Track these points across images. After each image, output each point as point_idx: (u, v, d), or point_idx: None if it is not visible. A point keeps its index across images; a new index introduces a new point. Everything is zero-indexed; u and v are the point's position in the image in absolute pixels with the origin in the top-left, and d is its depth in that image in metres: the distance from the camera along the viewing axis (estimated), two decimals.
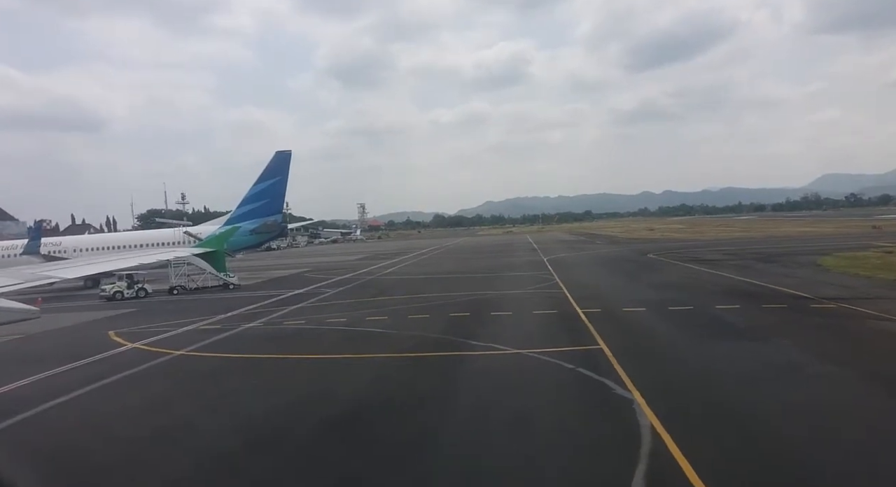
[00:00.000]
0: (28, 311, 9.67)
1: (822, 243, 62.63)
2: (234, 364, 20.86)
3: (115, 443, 13.12)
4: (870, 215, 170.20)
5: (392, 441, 11.91)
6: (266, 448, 11.94)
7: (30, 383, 18.98)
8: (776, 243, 68.50)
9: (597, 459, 10.54)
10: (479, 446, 11.41)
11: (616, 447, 10.85)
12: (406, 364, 19.02)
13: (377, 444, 11.83)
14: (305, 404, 15.22)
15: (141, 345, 24.29)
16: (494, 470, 10.31)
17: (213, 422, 14.25)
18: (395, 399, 15.19)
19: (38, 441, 13.72)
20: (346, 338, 23.80)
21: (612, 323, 22.92)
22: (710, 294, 29.52)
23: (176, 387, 18.16)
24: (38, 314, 9.88)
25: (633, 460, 10.05)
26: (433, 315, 27.88)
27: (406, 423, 13.06)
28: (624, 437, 11.17)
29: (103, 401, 16.90)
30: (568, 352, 18.43)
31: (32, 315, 9.79)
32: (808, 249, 55.67)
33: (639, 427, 11.52)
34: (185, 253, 50.96)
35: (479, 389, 15.40)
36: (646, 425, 11.59)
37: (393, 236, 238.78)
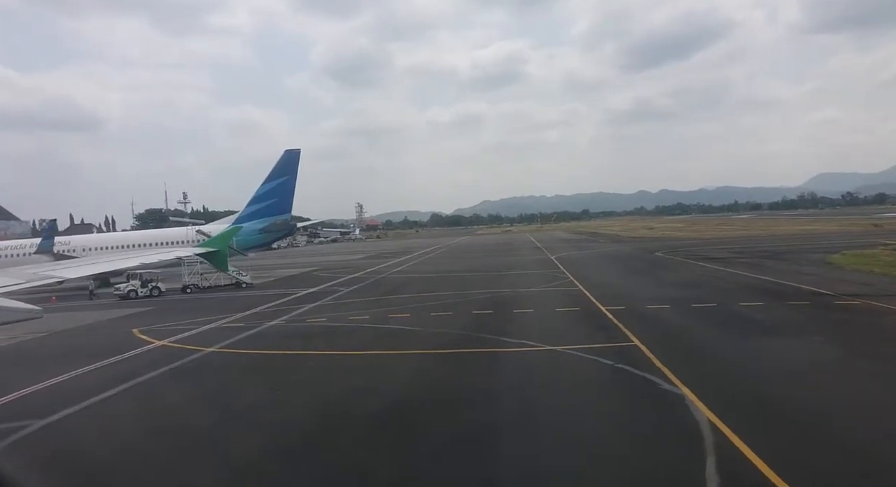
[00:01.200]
0: (31, 311, 9.66)
1: (826, 241, 63.01)
2: (272, 360, 20.91)
3: (200, 429, 13.64)
4: (868, 214, 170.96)
5: (459, 435, 11.96)
6: (349, 436, 12.40)
7: (76, 377, 19.24)
8: (781, 241, 68.75)
9: (663, 453, 10.57)
10: (544, 440, 11.46)
11: (680, 441, 10.91)
12: (444, 360, 19.08)
13: (445, 437, 11.98)
14: (363, 397, 15.27)
15: (169, 343, 24.34)
16: (568, 465, 10.35)
17: (285, 412, 14.45)
18: (447, 394, 15.22)
19: (124, 425, 14.41)
20: (376, 336, 23.86)
21: (640, 321, 22.95)
22: (730, 291, 29.68)
23: (225, 381, 18.37)
24: (40, 314, 9.86)
25: (700, 453, 10.16)
26: (455, 312, 27.97)
27: (465, 417, 13.07)
28: (684, 431, 11.26)
29: (159, 393, 17.23)
30: (603, 349, 18.52)
31: (35, 314, 9.73)
32: (815, 247, 56.03)
33: (696, 422, 11.62)
34: (187, 253, 51.09)
35: (526, 385, 15.46)
36: (702, 419, 11.67)
37: (391, 235, 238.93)
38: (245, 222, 57.79)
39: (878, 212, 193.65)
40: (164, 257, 49.23)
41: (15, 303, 9.67)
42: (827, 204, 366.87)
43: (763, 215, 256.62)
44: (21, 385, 18.12)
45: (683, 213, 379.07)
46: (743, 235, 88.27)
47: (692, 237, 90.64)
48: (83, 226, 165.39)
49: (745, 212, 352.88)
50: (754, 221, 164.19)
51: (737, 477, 9.33)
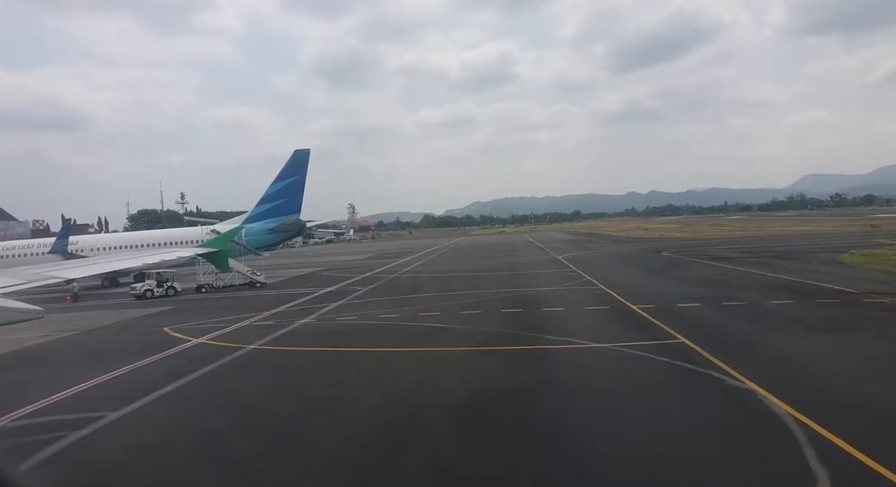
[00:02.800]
0: (33, 311, 9.78)
1: (829, 241, 63.80)
2: (321, 357, 21.07)
3: (286, 421, 13.86)
4: (860, 215, 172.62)
5: (549, 431, 12.06)
6: (438, 429, 12.64)
7: (130, 372, 19.52)
8: (782, 242, 69.36)
9: (762, 448, 10.66)
10: (640, 436, 11.52)
11: (771, 435, 11.02)
12: (494, 357, 19.24)
13: (534, 431, 12.12)
14: (433, 392, 15.46)
15: (206, 340, 24.40)
16: (661, 462, 10.38)
17: (363, 407, 14.59)
18: (516, 390, 15.24)
19: (207, 416, 14.79)
20: (413, 333, 24.01)
21: (676, 318, 23.07)
22: (754, 290, 29.98)
23: (283, 377, 18.44)
24: (42, 314, 9.99)
25: (795, 446, 10.34)
26: (484, 311, 28.11)
27: (546, 413, 13.18)
28: (771, 426, 11.39)
29: (224, 387, 17.51)
30: (651, 346, 18.69)
31: (37, 315, 9.84)
32: (819, 247, 56.71)
33: (777, 416, 11.80)
34: (188, 253, 51.09)
35: (592, 381, 15.62)
36: (782, 413, 11.87)
37: (384, 236, 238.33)
38: (254, 222, 57.83)
39: (868, 212, 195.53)
40: (166, 257, 49.11)
41: (17, 304, 9.85)
42: (816, 205, 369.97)
43: (755, 216, 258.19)
44: (78, 379, 18.33)
45: (674, 214, 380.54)
46: (741, 236, 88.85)
47: (691, 237, 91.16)
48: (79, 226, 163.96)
49: (736, 213, 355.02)
50: (748, 222, 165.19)
51: (842, 468, 9.50)
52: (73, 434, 13.33)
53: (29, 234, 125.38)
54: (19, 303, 9.94)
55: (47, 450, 12.40)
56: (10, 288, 11.36)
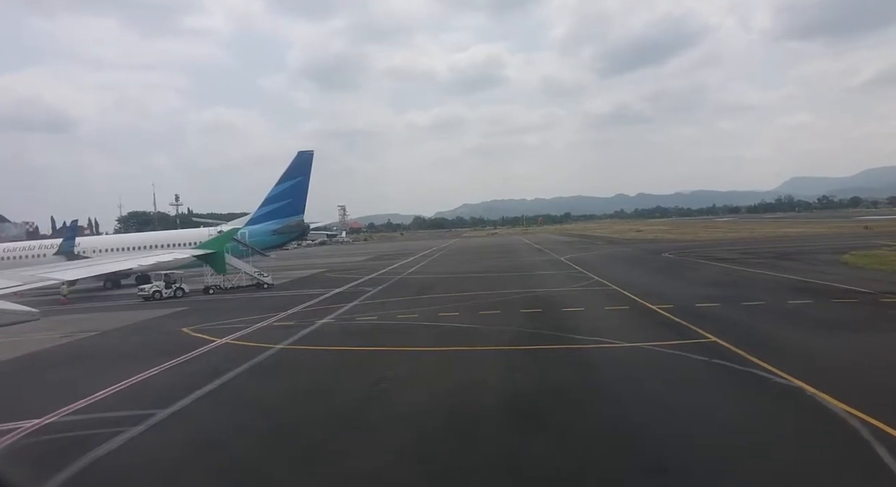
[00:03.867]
0: (28, 313, 9.84)
1: (825, 242, 64.61)
2: (353, 356, 21.10)
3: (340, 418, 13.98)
4: (848, 217, 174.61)
5: (605, 428, 12.19)
6: (494, 426, 12.75)
7: (164, 371, 19.54)
8: (779, 243, 69.93)
9: (831, 445, 10.76)
10: (698, 435, 11.55)
11: (834, 434, 11.09)
12: (530, 356, 19.33)
13: (594, 430, 12.22)
14: (478, 391, 15.50)
15: (231, 341, 24.42)
16: (741, 460, 10.37)
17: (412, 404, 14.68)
18: (562, 388, 15.34)
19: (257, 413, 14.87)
20: (440, 333, 24.09)
21: (699, 318, 23.18)
22: (768, 290, 30.23)
23: (322, 376, 18.50)
24: (37, 316, 10.06)
25: (865, 444, 10.43)
26: (503, 311, 28.20)
27: (599, 410, 13.35)
28: (832, 424, 11.48)
29: (266, 386, 17.62)
30: (683, 345, 18.82)
31: (32, 317, 9.88)
32: (818, 248, 57.39)
33: (835, 414, 11.90)
34: (185, 255, 50.95)
35: (635, 380, 15.69)
36: (839, 411, 11.99)
37: (376, 238, 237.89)
38: (258, 223, 57.77)
39: (855, 214, 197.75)
40: (162, 259, 49.06)
41: (12, 306, 9.88)
42: (803, 207, 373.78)
43: (745, 218, 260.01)
44: (115, 378, 18.34)
45: (663, 216, 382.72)
46: (735, 237, 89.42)
47: (686, 239, 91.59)
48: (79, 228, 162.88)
49: (724, 215, 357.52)
50: (739, 224, 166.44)
51: None
52: (128, 431, 13.41)
53: (24, 236, 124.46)
54: (14, 305, 9.97)
55: (110, 444, 12.53)
56: (5, 290, 11.35)
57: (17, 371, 21.87)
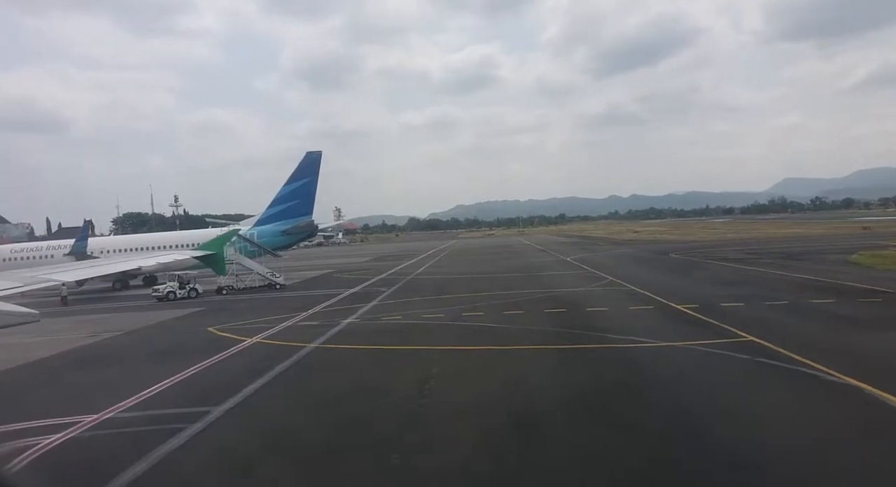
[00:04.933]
0: (28, 315, 9.89)
1: (828, 243, 65.14)
2: (389, 354, 21.20)
3: (402, 414, 14.11)
4: (843, 217, 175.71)
5: (672, 427, 12.15)
6: (563, 422, 12.88)
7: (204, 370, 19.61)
8: (782, 243, 70.48)
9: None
10: (765, 432, 11.57)
11: None
12: (570, 354, 19.38)
13: (658, 427, 12.23)
14: (527, 388, 15.66)
15: (261, 340, 24.46)
16: (814, 457, 10.50)
17: (470, 401, 14.78)
18: (613, 386, 15.40)
19: (316, 410, 15.00)
20: (470, 331, 24.17)
21: (728, 317, 23.25)
22: (787, 289, 30.45)
23: (364, 372, 18.67)
24: (37, 317, 10.14)
25: None
26: (527, 311, 28.23)
27: (658, 410, 13.34)
28: None
29: (315, 384, 17.72)
30: (722, 344, 18.87)
31: (32, 318, 9.90)
32: (823, 248, 57.82)
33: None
34: (185, 256, 51.00)
35: (684, 378, 15.74)
36: None
37: (372, 239, 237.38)
38: (266, 224, 57.76)
39: (850, 215, 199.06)
40: (162, 260, 49.09)
41: (12, 307, 9.87)
42: (797, 208, 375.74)
43: (739, 219, 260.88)
44: (156, 377, 18.35)
45: (657, 217, 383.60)
46: (736, 238, 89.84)
47: (686, 240, 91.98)
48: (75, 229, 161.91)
49: (718, 216, 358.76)
50: (736, 224, 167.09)
51: None
52: (191, 426, 13.50)
53: (25, 238, 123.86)
54: (14, 307, 9.98)
55: (174, 441, 12.58)
56: (6, 291, 11.43)
57: (57, 368, 21.91)
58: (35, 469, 11.70)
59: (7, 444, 12.89)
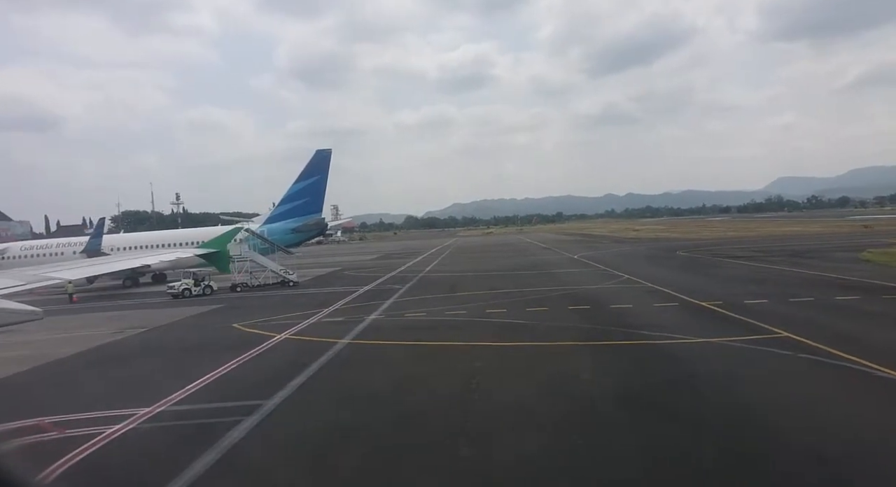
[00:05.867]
0: (32, 313, 9.99)
1: (832, 241, 65.55)
2: (426, 350, 21.07)
3: (466, 409, 14.08)
4: (841, 216, 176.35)
5: (736, 423, 12.08)
6: (617, 420, 12.77)
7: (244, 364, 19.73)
8: (786, 241, 70.68)
9: None
10: (836, 425, 11.64)
11: None
12: (608, 351, 19.29)
13: (723, 423, 12.18)
14: (576, 384, 15.60)
15: (290, 336, 24.50)
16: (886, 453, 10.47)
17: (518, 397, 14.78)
18: (663, 382, 15.35)
19: (376, 404, 14.92)
20: (499, 328, 24.03)
21: (757, 314, 23.27)
22: (807, 286, 30.53)
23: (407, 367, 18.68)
24: (41, 315, 10.23)
25: None
26: (551, 308, 28.23)
27: (717, 405, 13.26)
28: None
29: (362, 377, 17.80)
30: (759, 340, 18.90)
31: (36, 316, 9.99)
32: (830, 246, 58.23)
33: None
34: (187, 254, 51.27)
35: (732, 374, 15.62)
36: None
37: (370, 238, 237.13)
38: (276, 222, 57.79)
39: (847, 214, 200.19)
40: (165, 258, 49.41)
41: (16, 305, 10.00)
42: (793, 207, 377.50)
43: (737, 217, 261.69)
44: (197, 372, 18.43)
45: (653, 216, 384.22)
46: (738, 236, 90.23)
47: (689, 238, 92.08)
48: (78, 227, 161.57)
49: (715, 214, 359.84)
50: (734, 223, 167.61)
51: None
52: (248, 419, 13.56)
53: (29, 235, 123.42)
54: (18, 305, 10.08)
55: (236, 432, 12.67)
56: (9, 289, 11.50)
57: (92, 364, 22.00)
58: (107, 458, 11.84)
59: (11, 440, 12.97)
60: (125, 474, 11.46)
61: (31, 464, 10.78)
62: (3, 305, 9.76)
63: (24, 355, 23.12)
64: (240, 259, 47.40)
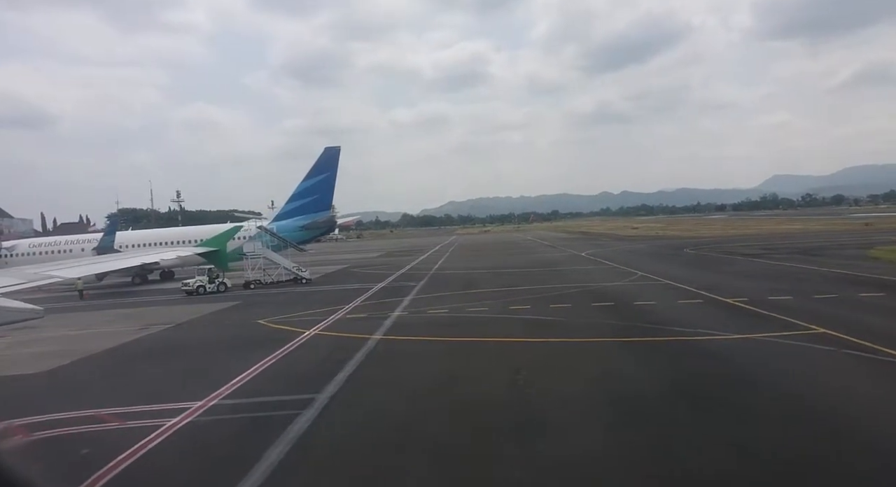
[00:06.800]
0: (32, 311, 9.98)
1: (837, 238, 66.09)
2: (462, 346, 21.08)
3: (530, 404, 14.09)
4: (838, 214, 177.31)
5: (807, 418, 12.09)
6: (681, 413, 12.73)
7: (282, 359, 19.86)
8: (791, 239, 70.98)
9: None
10: None
11: None
12: (647, 346, 19.27)
13: (795, 418, 12.15)
14: (626, 378, 15.66)
15: (319, 332, 24.51)
16: None
17: (572, 387, 14.93)
18: (717, 376, 15.37)
19: (436, 396, 15.07)
20: (529, 325, 23.97)
21: (787, 310, 23.21)
22: (827, 283, 30.70)
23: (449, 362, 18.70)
24: (42, 313, 10.26)
25: None
26: (573, 305, 28.20)
27: (780, 399, 13.29)
28: None
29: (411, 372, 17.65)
30: (798, 336, 18.88)
31: (36, 314, 9.94)
32: (836, 244, 58.67)
33: None
34: (187, 253, 51.26)
35: (781, 370, 15.60)
36: None
37: (367, 236, 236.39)
38: (285, 219, 57.73)
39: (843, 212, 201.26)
40: (164, 256, 49.35)
41: (17, 303, 10.01)
42: (788, 205, 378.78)
43: (733, 216, 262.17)
44: (238, 367, 18.49)
45: (649, 214, 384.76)
46: (739, 234, 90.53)
47: (690, 235, 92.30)
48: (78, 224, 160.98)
49: (711, 212, 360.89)
50: (733, 221, 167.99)
51: None
52: (307, 411, 13.66)
53: (31, 233, 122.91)
54: (19, 303, 10.09)
55: (300, 423, 12.77)
56: (10, 288, 11.50)
57: (129, 358, 22.14)
58: (174, 448, 11.94)
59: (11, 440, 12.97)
60: (202, 463, 11.45)
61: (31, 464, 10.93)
62: (3, 303, 9.73)
63: (59, 350, 23.25)
64: (253, 256, 47.34)
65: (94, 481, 10.32)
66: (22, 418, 14.15)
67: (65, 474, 10.73)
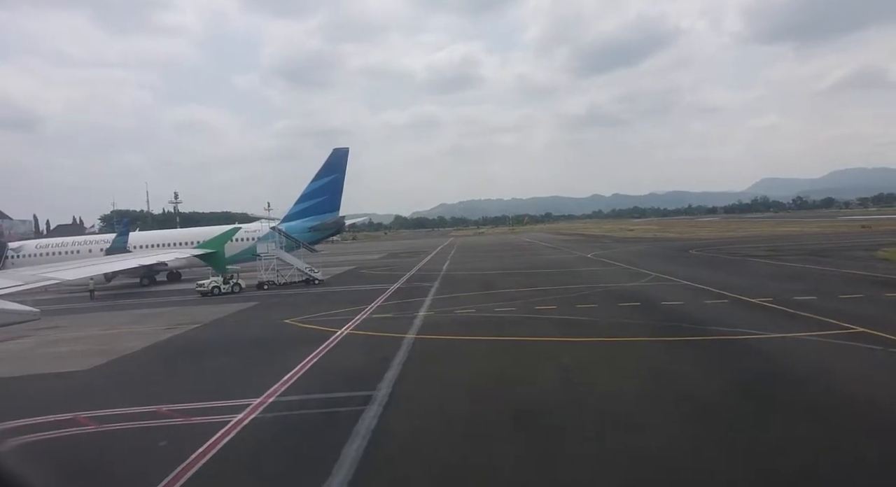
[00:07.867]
0: (29, 313, 9.99)
1: (839, 240, 66.63)
2: (505, 345, 20.93)
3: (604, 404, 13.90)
4: (833, 216, 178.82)
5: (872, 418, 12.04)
6: (745, 412, 12.65)
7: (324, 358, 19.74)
8: (793, 240, 71.54)
9: None
10: None
11: None
12: (690, 345, 19.28)
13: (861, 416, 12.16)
14: (681, 378, 15.55)
15: (352, 331, 24.45)
16: None
17: (629, 387, 14.92)
18: (771, 376, 15.24)
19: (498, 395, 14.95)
20: (561, 324, 23.98)
21: (817, 309, 23.35)
22: (847, 284, 30.83)
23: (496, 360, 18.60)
24: (38, 315, 10.31)
25: None
26: (599, 305, 28.20)
27: (841, 397, 13.28)
28: None
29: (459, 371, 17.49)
30: (841, 335, 18.91)
31: (32, 316, 10.08)
32: (840, 245, 59.14)
33: None
34: (186, 255, 51.22)
35: (836, 370, 15.62)
36: None
37: (361, 238, 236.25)
38: (293, 220, 57.67)
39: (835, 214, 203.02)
40: (162, 258, 49.30)
41: (14, 305, 10.03)
42: (779, 208, 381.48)
43: (725, 218, 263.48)
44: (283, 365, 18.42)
45: (641, 216, 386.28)
46: (739, 236, 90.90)
47: (689, 237, 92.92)
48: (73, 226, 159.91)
49: (702, 215, 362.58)
50: (727, 223, 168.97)
51: None
52: (370, 407, 13.68)
53: (31, 234, 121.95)
54: (15, 305, 10.10)
55: (368, 419, 12.78)
56: (6, 290, 11.49)
57: (168, 357, 22.10)
58: (251, 443, 11.97)
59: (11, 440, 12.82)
60: (286, 459, 11.38)
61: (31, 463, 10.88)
62: (1, 306, 9.72)
63: (92, 348, 23.20)
64: (267, 257, 47.27)
65: (181, 472, 10.34)
66: (83, 411, 14.33)
67: (149, 463, 10.98)
